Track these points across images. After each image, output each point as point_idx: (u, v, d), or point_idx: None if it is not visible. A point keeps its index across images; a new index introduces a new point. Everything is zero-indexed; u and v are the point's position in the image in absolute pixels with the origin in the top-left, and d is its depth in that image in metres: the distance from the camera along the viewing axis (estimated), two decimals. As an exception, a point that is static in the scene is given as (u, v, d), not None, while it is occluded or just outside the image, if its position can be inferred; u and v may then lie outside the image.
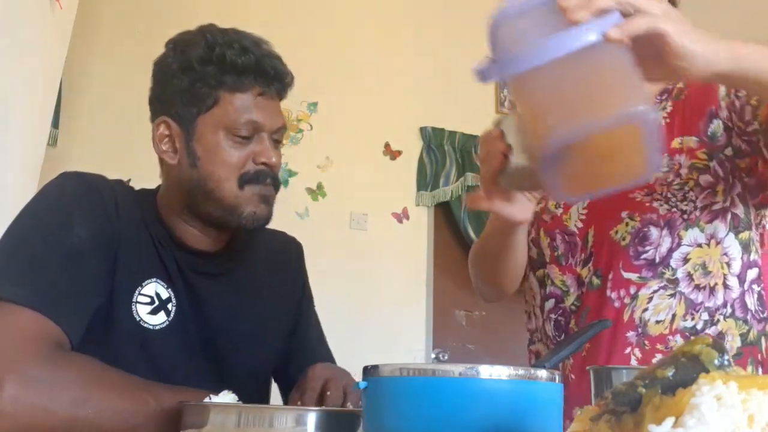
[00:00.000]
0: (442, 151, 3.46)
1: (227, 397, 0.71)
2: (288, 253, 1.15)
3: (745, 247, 0.93)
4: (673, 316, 0.91)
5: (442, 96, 3.55)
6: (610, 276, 0.95)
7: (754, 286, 0.94)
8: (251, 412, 0.64)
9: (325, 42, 3.41)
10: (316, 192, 3.24)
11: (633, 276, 0.93)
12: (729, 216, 0.92)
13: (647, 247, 0.93)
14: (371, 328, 3.08)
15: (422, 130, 3.47)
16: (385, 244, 3.26)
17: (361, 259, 3.19)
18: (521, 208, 0.90)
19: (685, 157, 0.92)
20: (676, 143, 0.93)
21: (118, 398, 0.75)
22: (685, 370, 0.34)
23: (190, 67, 0.92)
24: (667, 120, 0.96)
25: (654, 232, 0.92)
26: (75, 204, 0.87)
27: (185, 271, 0.97)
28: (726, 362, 0.34)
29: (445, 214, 3.46)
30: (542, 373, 0.50)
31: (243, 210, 0.92)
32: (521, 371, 0.50)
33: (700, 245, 0.92)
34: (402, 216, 3.36)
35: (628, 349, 0.93)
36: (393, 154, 3.43)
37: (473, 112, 3.61)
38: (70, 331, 0.80)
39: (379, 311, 3.15)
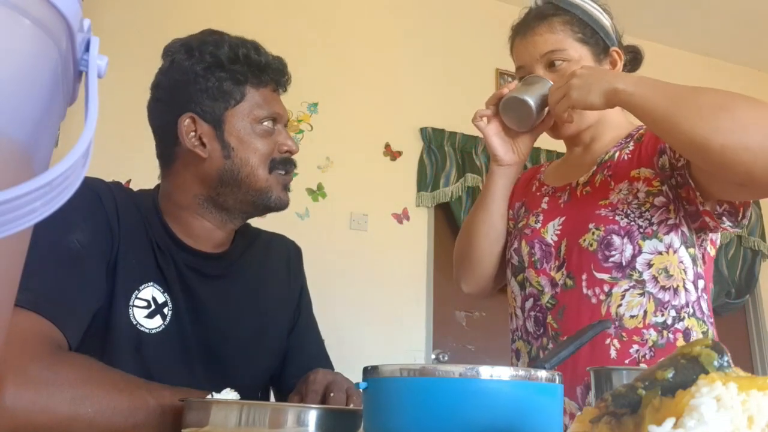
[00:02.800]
0: (442, 152, 3.46)
1: (229, 395, 0.71)
2: (287, 257, 1.15)
3: (693, 260, 1.08)
4: (645, 312, 1.04)
5: (443, 97, 3.55)
6: (584, 276, 1.08)
7: (704, 294, 1.09)
8: (253, 409, 0.64)
9: (325, 43, 3.41)
10: (317, 192, 3.24)
11: (605, 276, 1.06)
12: (680, 232, 1.07)
13: (613, 252, 1.06)
14: (371, 328, 3.08)
15: (422, 130, 3.47)
16: (385, 245, 3.26)
17: (361, 260, 3.19)
18: (508, 150, 1.18)
19: (643, 184, 1.09)
20: (634, 173, 1.11)
21: (118, 396, 0.76)
22: (685, 371, 0.34)
23: (219, 66, 0.98)
24: (629, 156, 1.14)
25: (616, 239, 1.06)
26: (75, 209, 0.87)
27: (184, 273, 0.97)
28: (725, 364, 0.34)
29: (445, 214, 3.46)
30: (542, 374, 0.51)
31: (272, 194, 1.01)
32: (521, 372, 0.50)
33: (660, 253, 1.06)
34: (402, 216, 3.36)
35: (608, 340, 1.04)
36: (393, 154, 3.43)
37: (473, 113, 3.61)
38: (68, 333, 0.80)
39: (379, 311, 3.15)
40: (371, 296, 3.17)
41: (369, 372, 0.53)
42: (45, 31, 0.28)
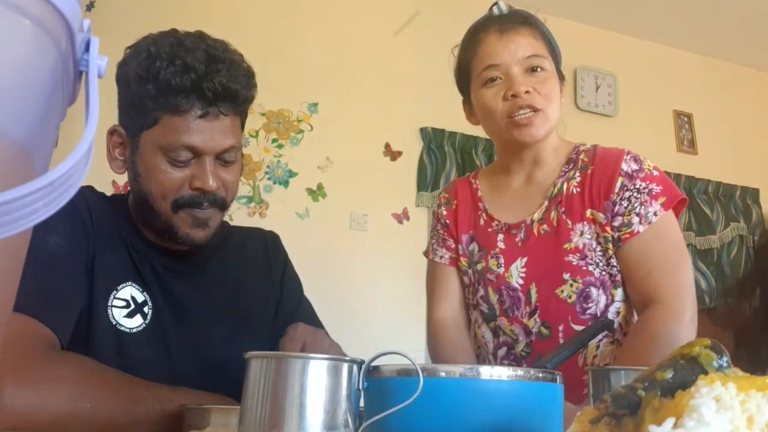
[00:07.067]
0: (442, 152, 3.46)
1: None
2: (263, 245, 1.14)
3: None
4: (614, 358, 1.07)
5: (442, 97, 3.53)
6: (561, 327, 1.09)
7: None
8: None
9: (325, 42, 3.41)
10: (317, 192, 3.23)
11: (581, 327, 1.08)
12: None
13: (590, 304, 1.09)
14: (371, 328, 3.08)
15: (422, 130, 3.47)
16: (386, 245, 3.26)
17: (361, 260, 3.19)
18: None
19: (598, 228, 1.08)
20: (588, 213, 1.09)
21: (116, 394, 0.76)
22: (684, 372, 0.34)
23: (134, 79, 0.89)
24: (578, 189, 1.11)
25: (594, 291, 1.08)
26: None
27: (161, 273, 0.97)
28: (725, 364, 0.34)
29: (445, 214, 3.46)
30: (542, 374, 0.50)
31: (177, 230, 0.93)
32: (521, 372, 0.50)
33: (623, 301, 1.10)
34: (402, 216, 3.36)
35: (586, 390, 1.00)
36: (393, 154, 3.43)
37: (473, 113, 3.61)
38: (59, 332, 0.81)
39: (379, 311, 3.15)
40: (371, 296, 3.17)
41: (369, 372, 0.53)
42: (45, 31, 0.28)
